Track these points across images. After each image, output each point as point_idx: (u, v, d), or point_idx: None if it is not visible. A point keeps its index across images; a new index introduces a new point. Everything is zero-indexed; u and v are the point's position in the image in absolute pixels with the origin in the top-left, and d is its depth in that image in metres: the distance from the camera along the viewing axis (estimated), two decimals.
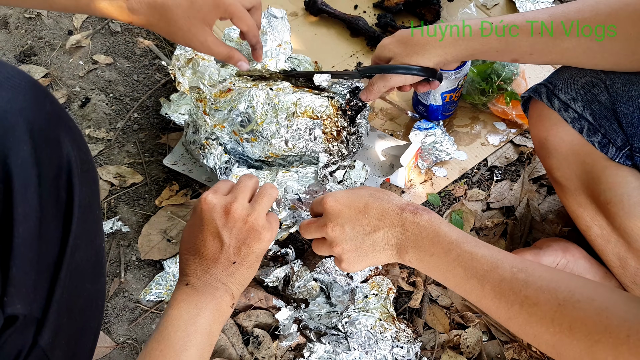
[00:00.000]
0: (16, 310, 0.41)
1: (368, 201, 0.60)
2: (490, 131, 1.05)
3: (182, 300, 0.56)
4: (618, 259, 0.75)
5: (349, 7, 1.23)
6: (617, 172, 0.70)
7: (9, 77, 0.41)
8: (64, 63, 1.15)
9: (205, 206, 0.60)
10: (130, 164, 1.02)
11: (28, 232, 0.41)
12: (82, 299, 0.50)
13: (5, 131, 0.39)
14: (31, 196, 0.41)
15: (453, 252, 0.54)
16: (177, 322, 0.55)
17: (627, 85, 0.68)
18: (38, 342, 0.44)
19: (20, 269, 0.40)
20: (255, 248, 0.60)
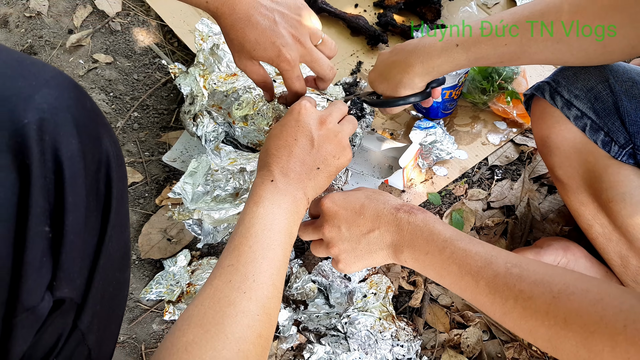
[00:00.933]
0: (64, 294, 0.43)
1: (364, 202, 0.61)
2: (490, 130, 1.05)
3: (266, 199, 0.58)
4: (619, 257, 0.75)
5: (350, 6, 1.23)
6: (619, 170, 0.70)
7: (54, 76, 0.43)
8: (64, 62, 1.15)
9: (304, 110, 0.63)
10: (130, 163, 1.01)
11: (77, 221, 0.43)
12: (112, 287, 0.52)
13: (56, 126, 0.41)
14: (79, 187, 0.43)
15: (447, 249, 0.54)
16: (263, 221, 0.56)
17: (631, 84, 0.68)
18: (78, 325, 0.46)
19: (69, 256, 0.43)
20: (339, 162, 0.64)
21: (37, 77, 0.42)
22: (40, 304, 0.41)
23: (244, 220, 0.57)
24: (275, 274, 0.55)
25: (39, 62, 0.44)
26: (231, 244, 0.56)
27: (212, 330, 0.49)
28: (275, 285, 0.54)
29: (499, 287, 0.49)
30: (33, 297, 0.40)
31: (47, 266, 0.41)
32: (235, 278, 0.52)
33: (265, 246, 0.55)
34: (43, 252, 0.41)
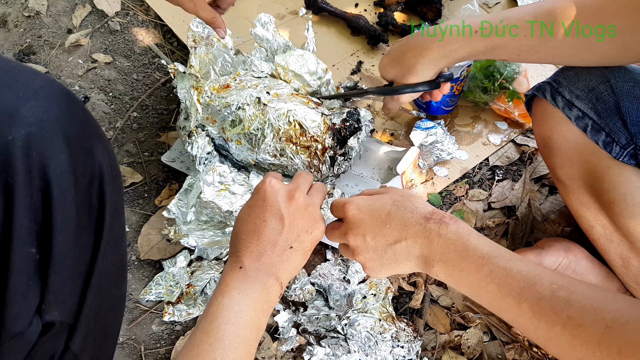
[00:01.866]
0: (53, 317, 0.42)
1: (390, 210, 0.57)
2: (491, 130, 1.04)
3: (233, 288, 0.55)
4: (621, 258, 0.74)
5: (350, 6, 1.23)
6: (620, 171, 0.70)
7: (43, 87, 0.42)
8: (63, 62, 1.15)
9: (270, 188, 0.60)
10: (129, 164, 1.01)
11: (66, 240, 0.41)
12: (107, 303, 0.50)
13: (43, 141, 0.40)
14: (69, 205, 0.41)
15: (485, 267, 0.50)
16: (228, 313, 0.53)
17: (632, 84, 0.67)
18: (70, 347, 0.45)
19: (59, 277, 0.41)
20: (312, 236, 0.60)
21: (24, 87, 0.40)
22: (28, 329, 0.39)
23: (208, 312, 0.54)
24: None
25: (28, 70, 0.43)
26: (193, 339, 0.53)
27: None
28: None
29: (545, 312, 0.46)
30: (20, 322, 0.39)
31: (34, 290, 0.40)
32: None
33: (227, 344, 0.52)
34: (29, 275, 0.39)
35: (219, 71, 0.94)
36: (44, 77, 0.43)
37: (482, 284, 0.50)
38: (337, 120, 0.87)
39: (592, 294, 0.45)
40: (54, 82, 0.43)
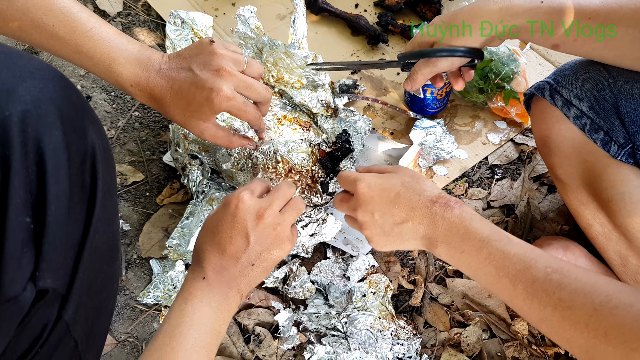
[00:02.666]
0: (46, 284, 0.43)
1: (399, 191, 0.59)
2: (490, 130, 1.05)
3: (196, 296, 0.57)
4: (619, 256, 0.75)
5: (350, 6, 1.23)
6: (618, 170, 0.71)
7: (40, 69, 0.44)
8: (65, 62, 1.15)
9: (241, 205, 0.60)
10: (131, 162, 1.02)
11: (59, 211, 0.43)
12: (100, 280, 0.52)
13: (39, 118, 0.42)
14: (62, 178, 0.43)
15: (484, 250, 0.53)
16: (190, 319, 0.55)
17: (630, 84, 0.68)
18: (62, 316, 0.47)
19: (52, 246, 0.43)
20: (276, 256, 0.61)
21: (22, 69, 0.43)
22: (22, 294, 0.41)
23: (170, 318, 0.56)
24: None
25: (26, 54, 0.45)
26: (155, 343, 0.54)
27: None
28: None
29: (538, 293, 0.48)
30: (14, 287, 0.40)
31: (28, 257, 0.42)
32: None
33: (189, 348, 0.54)
34: (24, 242, 0.41)
35: None
36: (40, 61, 0.45)
37: (481, 266, 0.53)
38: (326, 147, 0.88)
39: (584, 278, 0.47)
40: (49, 66, 0.45)
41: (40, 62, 0.45)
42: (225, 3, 1.23)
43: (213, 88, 0.62)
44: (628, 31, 0.63)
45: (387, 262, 0.90)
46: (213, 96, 0.62)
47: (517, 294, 0.50)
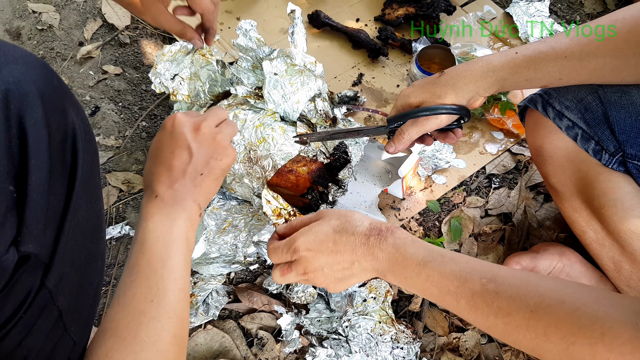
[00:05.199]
0: (28, 249, 0.45)
1: (335, 238, 0.61)
2: (488, 140, 1.08)
3: (154, 214, 0.59)
4: (612, 262, 0.77)
5: (351, 21, 1.27)
6: (610, 177, 0.73)
7: (23, 55, 0.47)
8: (75, 73, 1.19)
9: (177, 121, 0.63)
10: (138, 171, 1.04)
11: (39, 181, 0.45)
12: (82, 255, 0.54)
13: (20, 96, 0.45)
14: (42, 152, 0.46)
15: (423, 273, 0.55)
16: (155, 234, 0.57)
17: (619, 95, 0.71)
18: (45, 283, 0.48)
19: (33, 213, 0.45)
20: (222, 162, 0.64)
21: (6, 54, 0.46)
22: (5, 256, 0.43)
23: (137, 239, 0.58)
24: (179, 278, 0.57)
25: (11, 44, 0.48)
26: (129, 264, 0.57)
27: (128, 338, 0.51)
28: (181, 289, 0.56)
29: (479, 305, 0.51)
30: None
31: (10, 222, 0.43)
32: (140, 291, 0.54)
33: (163, 256, 0.56)
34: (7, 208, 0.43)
35: (208, 91, 0.97)
36: (25, 50, 0.48)
37: (425, 287, 0.56)
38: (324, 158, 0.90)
39: (517, 283, 0.50)
40: (32, 54, 0.49)
41: (25, 51, 0.48)
42: (231, 17, 1.26)
43: None
44: (606, 61, 0.66)
45: None
46: None
47: (462, 308, 0.53)
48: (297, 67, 0.91)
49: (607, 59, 0.66)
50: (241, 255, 0.91)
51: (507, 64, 0.69)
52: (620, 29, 0.65)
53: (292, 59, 0.90)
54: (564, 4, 1.35)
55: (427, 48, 1.00)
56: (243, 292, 0.90)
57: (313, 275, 0.62)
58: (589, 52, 0.66)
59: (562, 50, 0.67)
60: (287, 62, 0.91)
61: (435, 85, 0.72)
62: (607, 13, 1.32)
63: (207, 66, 0.95)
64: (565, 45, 0.67)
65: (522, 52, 0.69)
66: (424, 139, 0.78)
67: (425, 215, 1.00)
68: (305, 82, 0.92)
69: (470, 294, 0.52)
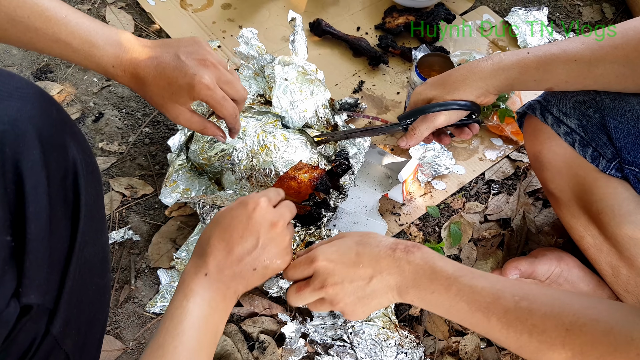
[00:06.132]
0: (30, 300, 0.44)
1: (358, 250, 0.60)
2: (487, 147, 1.09)
3: (197, 293, 0.57)
4: (610, 267, 0.78)
5: (352, 29, 1.29)
6: (607, 183, 0.74)
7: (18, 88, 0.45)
8: (79, 80, 1.20)
9: (259, 209, 0.61)
10: (141, 176, 1.05)
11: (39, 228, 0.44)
12: (90, 292, 0.52)
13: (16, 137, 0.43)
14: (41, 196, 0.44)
15: (453, 287, 0.54)
16: (192, 318, 0.56)
17: (617, 102, 0.72)
18: (50, 330, 0.47)
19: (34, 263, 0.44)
20: (276, 266, 0.62)
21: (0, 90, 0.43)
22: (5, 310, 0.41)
23: (172, 315, 0.56)
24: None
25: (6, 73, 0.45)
26: (157, 339, 0.55)
27: None
28: None
29: (512, 322, 0.50)
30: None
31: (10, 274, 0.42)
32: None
33: (190, 348, 0.54)
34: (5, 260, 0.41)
35: None
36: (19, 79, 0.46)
37: (453, 302, 0.54)
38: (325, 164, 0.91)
39: (550, 301, 0.50)
40: (29, 84, 0.46)
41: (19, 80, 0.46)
42: (233, 26, 1.28)
43: (196, 74, 0.64)
44: (613, 67, 0.67)
45: None
46: (195, 82, 0.64)
47: (492, 326, 0.51)
48: (308, 76, 0.92)
49: (615, 65, 0.67)
50: None
51: (518, 64, 0.70)
52: (632, 37, 0.66)
53: (304, 68, 0.92)
54: (562, 13, 1.37)
55: (427, 56, 1.02)
56: (244, 296, 0.90)
57: (332, 290, 0.59)
58: (598, 58, 0.67)
59: (573, 53, 0.68)
60: (298, 70, 0.93)
61: (446, 82, 0.74)
62: (605, 22, 1.34)
63: None
64: (576, 49, 0.68)
65: (533, 53, 0.70)
66: (441, 138, 0.80)
67: (425, 220, 1.01)
68: (315, 92, 0.94)
69: (504, 311, 0.50)
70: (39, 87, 0.47)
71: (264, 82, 0.95)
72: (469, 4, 1.35)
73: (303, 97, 0.93)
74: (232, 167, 0.90)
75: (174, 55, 0.66)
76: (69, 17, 0.62)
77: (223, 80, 0.68)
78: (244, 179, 0.89)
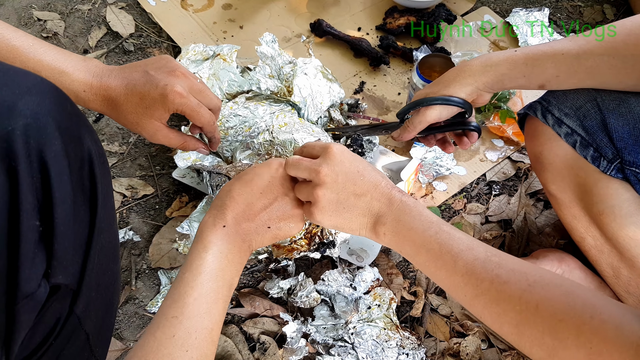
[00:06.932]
0: (58, 281, 0.47)
1: (367, 168, 0.62)
2: (488, 148, 1.09)
3: (215, 245, 0.58)
4: (611, 268, 0.78)
5: (353, 29, 1.29)
6: (608, 184, 0.74)
7: (35, 84, 0.48)
8: None
9: (282, 171, 0.64)
10: (141, 177, 1.05)
11: (65, 213, 0.47)
12: (107, 277, 0.55)
13: (39, 130, 0.45)
14: (65, 183, 0.47)
15: (432, 229, 0.56)
16: (211, 270, 0.57)
17: (618, 102, 0.72)
18: (74, 310, 0.50)
19: (62, 245, 0.46)
20: (289, 228, 0.64)
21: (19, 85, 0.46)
22: (38, 290, 0.44)
23: (191, 266, 0.57)
24: (216, 329, 0.56)
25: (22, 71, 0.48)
26: (176, 290, 0.56)
27: None
28: (213, 341, 0.56)
29: (477, 269, 0.52)
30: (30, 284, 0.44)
31: (40, 256, 0.45)
32: (178, 334, 0.53)
33: (210, 300, 0.56)
34: (35, 244, 0.44)
35: (226, 90, 0.99)
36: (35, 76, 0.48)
37: (426, 242, 0.56)
38: None
39: (520, 262, 0.51)
40: (43, 80, 0.49)
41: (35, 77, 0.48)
42: (234, 26, 1.28)
43: (167, 84, 0.64)
44: (603, 59, 0.68)
45: (389, 274, 0.93)
46: (167, 91, 0.64)
47: (457, 269, 0.53)
48: (326, 74, 0.98)
49: (605, 57, 0.68)
50: None
51: (506, 60, 0.73)
52: (619, 31, 0.67)
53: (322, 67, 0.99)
54: (564, 14, 1.37)
55: (428, 56, 1.02)
56: (245, 297, 0.90)
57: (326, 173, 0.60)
58: (586, 50, 0.68)
59: (560, 47, 0.70)
60: (317, 68, 0.99)
61: (440, 80, 0.78)
62: (606, 23, 1.34)
63: (227, 68, 0.99)
64: (562, 44, 0.70)
65: (521, 50, 0.73)
66: (445, 147, 0.85)
67: None
68: (332, 88, 1.00)
69: (473, 258, 0.52)
70: (52, 83, 0.50)
71: (280, 82, 0.98)
72: (470, 4, 1.35)
73: (321, 89, 0.98)
74: (250, 139, 0.89)
75: (143, 72, 0.66)
76: (35, 46, 0.63)
77: (195, 89, 0.68)
78: (261, 153, 0.88)
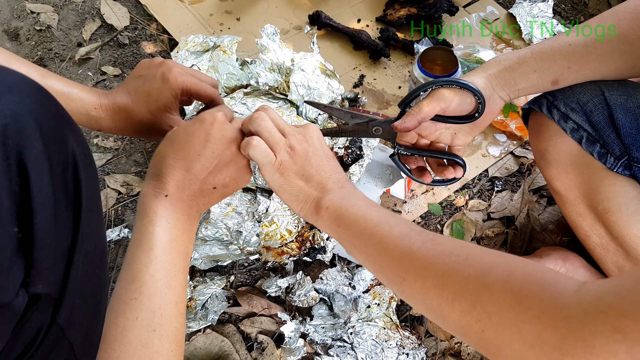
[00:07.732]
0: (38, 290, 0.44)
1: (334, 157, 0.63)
2: (491, 143, 1.07)
3: (162, 217, 0.56)
4: (617, 267, 0.76)
5: (353, 21, 1.26)
6: (615, 181, 0.72)
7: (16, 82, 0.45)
8: (73, 74, 1.18)
9: (217, 124, 0.60)
10: (137, 173, 1.03)
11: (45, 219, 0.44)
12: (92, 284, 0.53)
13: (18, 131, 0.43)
14: (45, 188, 0.44)
15: (375, 206, 0.57)
16: (162, 243, 0.55)
17: (626, 97, 0.70)
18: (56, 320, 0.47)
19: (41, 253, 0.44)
20: (236, 184, 0.62)
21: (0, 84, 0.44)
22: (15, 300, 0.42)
23: (141, 242, 0.54)
24: (180, 301, 0.54)
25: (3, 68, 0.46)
26: (129, 270, 0.53)
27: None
28: (181, 313, 0.54)
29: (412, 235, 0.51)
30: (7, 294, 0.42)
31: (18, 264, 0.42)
32: (142, 315, 0.51)
33: (167, 274, 0.54)
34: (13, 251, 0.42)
35: (225, 83, 0.98)
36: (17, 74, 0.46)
37: (369, 211, 0.56)
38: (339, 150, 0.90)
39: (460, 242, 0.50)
40: (26, 79, 0.47)
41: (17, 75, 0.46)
42: (231, 18, 1.25)
43: (164, 71, 0.67)
44: (612, 45, 0.66)
45: None
46: (167, 75, 0.66)
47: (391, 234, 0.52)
48: (325, 70, 0.95)
49: (614, 43, 0.66)
50: (241, 243, 0.89)
51: (514, 56, 0.71)
52: (623, 16, 0.66)
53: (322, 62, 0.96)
54: (568, 5, 1.34)
55: (430, 49, 0.99)
56: (243, 296, 0.89)
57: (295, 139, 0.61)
58: (593, 38, 0.67)
59: (566, 39, 0.69)
60: (316, 65, 0.96)
61: None
62: None
63: (226, 60, 0.98)
64: (569, 37, 0.69)
65: (527, 47, 0.71)
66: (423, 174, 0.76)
67: (427, 218, 0.99)
68: (331, 85, 0.97)
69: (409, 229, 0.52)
70: (36, 82, 0.48)
71: (280, 77, 0.96)
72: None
73: (319, 86, 0.96)
74: None
75: (137, 77, 0.69)
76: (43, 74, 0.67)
77: (189, 70, 0.70)
78: None
